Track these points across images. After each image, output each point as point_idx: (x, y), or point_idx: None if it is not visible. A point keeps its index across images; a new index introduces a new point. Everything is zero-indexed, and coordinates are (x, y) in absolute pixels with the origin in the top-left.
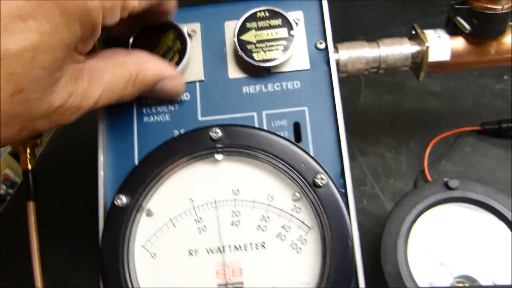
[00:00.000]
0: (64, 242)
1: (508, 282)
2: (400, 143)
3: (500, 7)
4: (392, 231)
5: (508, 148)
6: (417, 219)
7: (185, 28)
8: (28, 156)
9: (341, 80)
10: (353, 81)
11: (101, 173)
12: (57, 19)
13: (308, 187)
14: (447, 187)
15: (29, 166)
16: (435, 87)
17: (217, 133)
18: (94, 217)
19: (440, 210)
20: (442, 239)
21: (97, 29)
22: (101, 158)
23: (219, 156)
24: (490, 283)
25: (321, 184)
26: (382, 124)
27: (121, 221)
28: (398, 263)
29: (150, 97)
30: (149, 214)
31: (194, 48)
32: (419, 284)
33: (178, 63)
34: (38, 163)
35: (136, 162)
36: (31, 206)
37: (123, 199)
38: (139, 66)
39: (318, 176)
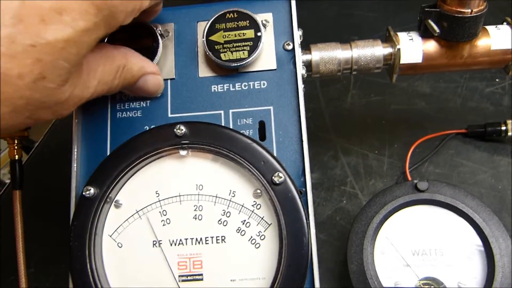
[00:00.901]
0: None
1: (473, 286)
2: (384, 144)
3: (469, 10)
4: (359, 231)
5: (492, 152)
6: (385, 220)
7: (159, 28)
8: (16, 147)
9: (329, 81)
10: (343, 82)
11: (74, 165)
12: (91, 18)
13: (267, 184)
14: (417, 189)
15: (16, 157)
16: (425, 88)
17: (182, 129)
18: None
19: (409, 211)
20: (410, 240)
21: (115, 29)
22: (74, 151)
23: (183, 152)
24: (455, 286)
25: (278, 182)
26: (367, 125)
27: (88, 211)
28: (363, 262)
29: (131, 92)
30: (117, 205)
31: (167, 48)
32: (384, 285)
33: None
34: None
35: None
36: (17, 195)
37: (91, 191)
38: (125, 60)
39: (277, 174)
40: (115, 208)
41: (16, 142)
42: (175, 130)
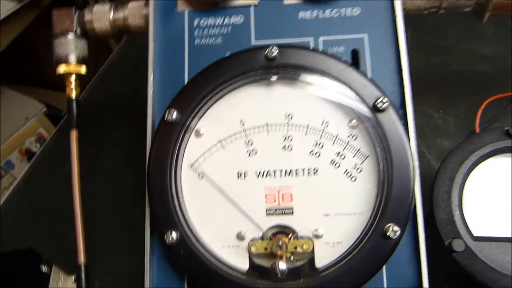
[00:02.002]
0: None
1: None
2: (449, 104)
3: None
4: (446, 178)
5: None
6: (474, 167)
7: None
8: (73, 84)
9: None
10: None
11: (150, 91)
12: None
13: (369, 111)
14: (508, 135)
15: (73, 95)
16: (486, 51)
17: (274, 52)
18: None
19: (499, 159)
20: (499, 189)
21: None
22: (150, 77)
23: (273, 77)
24: None
25: (382, 108)
26: (429, 85)
27: (170, 137)
28: (451, 211)
29: None
30: (198, 134)
31: None
32: (474, 233)
33: None
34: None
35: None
36: (74, 134)
37: (173, 115)
38: None
39: (380, 99)
40: (196, 137)
41: (73, 79)
42: (266, 52)
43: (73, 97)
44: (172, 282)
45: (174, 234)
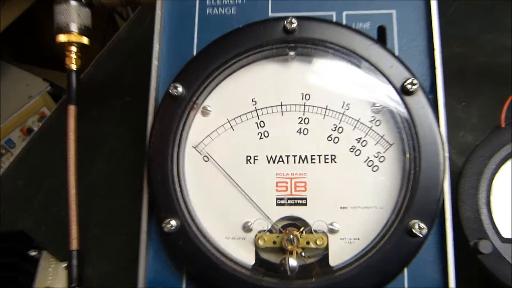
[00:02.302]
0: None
1: None
2: (471, 96)
3: None
4: (474, 172)
5: None
6: (504, 162)
7: None
8: (73, 55)
9: None
10: None
11: (155, 62)
12: None
13: (395, 93)
14: None
15: (73, 67)
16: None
17: (293, 23)
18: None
19: None
20: None
21: None
22: (156, 47)
23: (291, 53)
24: None
25: (412, 90)
26: (452, 75)
27: (173, 113)
28: (478, 208)
29: None
30: (205, 112)
31: None
32: (504, 235)
33: None
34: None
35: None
36: (72, 110)
37: (179, 89)
38: None
39: (409, 80)
40: (203, 115)
41: (75, 49)
42: (284, 24)
43: (73, 69)
44: (169, 275)
45: (173, 222)
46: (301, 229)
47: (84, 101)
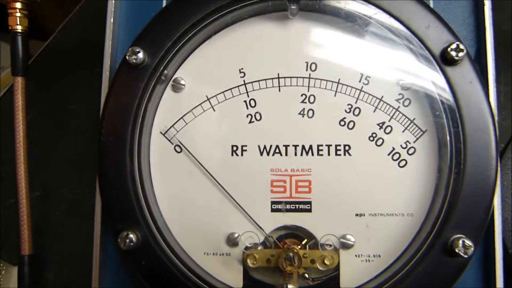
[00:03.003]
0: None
1: None
2: (498, 70)
3: None
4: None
5: None
6: None
7: None
8: (18, 14)
9: None
10: None
11: (110, 20)
12: None
13: (434, 62)
14: None
15: (18, 27)
16: None
17: None
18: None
19: None
20: None
21: None
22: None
23: (292, 6)
24: None
25: (455, 59)
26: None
27: (133, 87)
28: None
29: None
30: (177, 87)
31: None
32: None
33: None
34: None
35: None
36: (19, 84)
37: (139, 55)
38: None
39: (454, 45)
40: (173, 91)
41: (19, 6)
42: None
43: (18, 30)
44: None
45: (132, 236)
46: (303, 243)
47: (47, 73)
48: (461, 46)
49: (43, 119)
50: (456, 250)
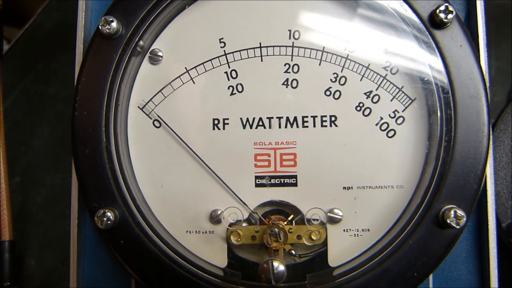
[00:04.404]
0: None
1: None
2: (490, 43)
3: None
4: (508, 136)
5: None
6: None
7: None
8: None
9: None
10: None
11: None
12: None
13: (422, 25)
14: None
15: None
16: None
17: None
18: None
19: None
20: None
21: None
22: None
23: None
24: None
25: (445, 21)
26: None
27: (107, 59)
28: None
29: None
30: (154, 59)
31: None
32: None
33: None
34: None
35: None
36: None
37: (113, 24)
38: None
39: (441, 7)
40: (151, 63)
41: None
42: None
43: None
44: (114, 276)
45: (109, 214)
46: (289, 218)
47: (27, 56)
48: (450, 8)
49: (22, 103)
50: (448, 221)
